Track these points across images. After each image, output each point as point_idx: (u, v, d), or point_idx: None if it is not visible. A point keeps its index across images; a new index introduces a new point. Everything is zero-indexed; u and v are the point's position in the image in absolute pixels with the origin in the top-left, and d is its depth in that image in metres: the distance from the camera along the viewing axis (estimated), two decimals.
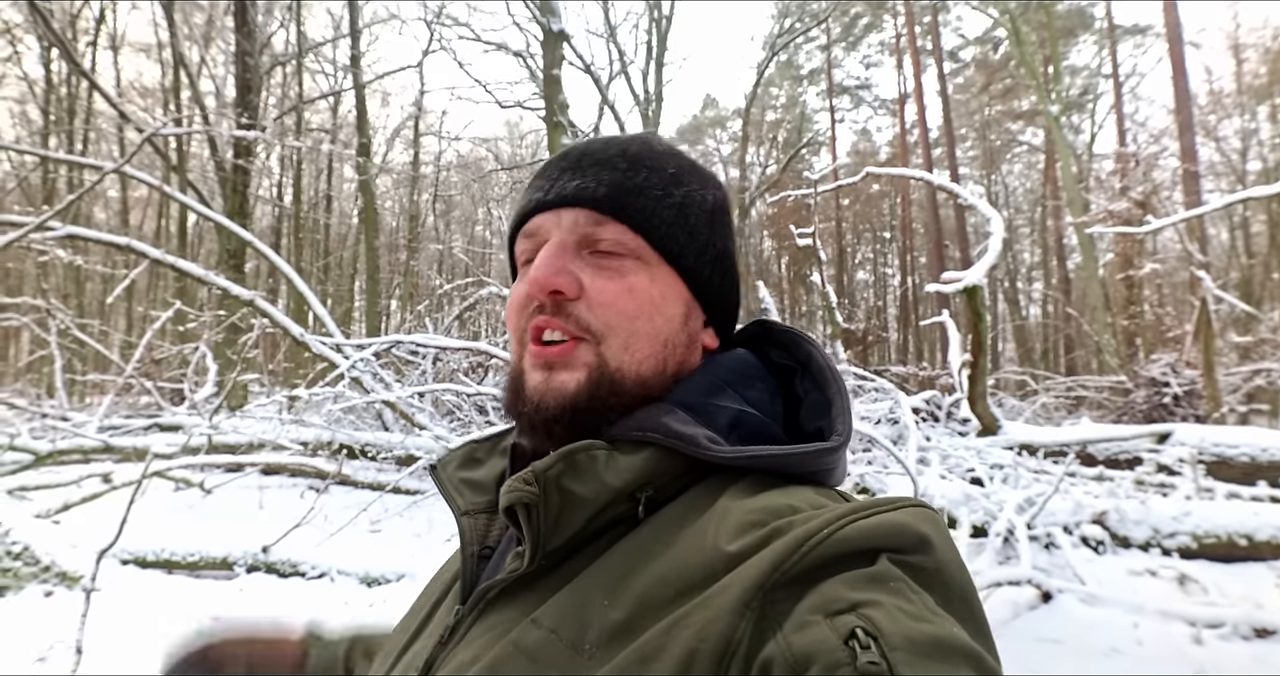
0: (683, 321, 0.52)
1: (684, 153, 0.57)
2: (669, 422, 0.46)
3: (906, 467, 3.56)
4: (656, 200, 0.51)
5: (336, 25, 16.33)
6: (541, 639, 0.40)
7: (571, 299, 0.49)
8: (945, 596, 0.34)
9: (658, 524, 0.43)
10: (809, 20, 15.33)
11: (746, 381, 0.52)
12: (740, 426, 0.48)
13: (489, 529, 0.53)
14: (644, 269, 0.50)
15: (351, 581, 3.63)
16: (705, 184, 0.55)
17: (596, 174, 0.51)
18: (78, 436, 5.68)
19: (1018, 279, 23.56)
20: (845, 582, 0.34)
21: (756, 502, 0.41)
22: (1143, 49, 18.90)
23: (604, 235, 0.50)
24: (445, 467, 0.57)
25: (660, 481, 0.45)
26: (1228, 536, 3.74)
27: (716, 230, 0.55)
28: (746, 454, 0.45)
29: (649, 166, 0.52)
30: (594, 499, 0.43)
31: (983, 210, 5.83)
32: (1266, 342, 9.64)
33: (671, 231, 0.51)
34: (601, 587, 0.41)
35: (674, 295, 0.52)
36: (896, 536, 0.36)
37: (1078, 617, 3.04)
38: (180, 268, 5.76)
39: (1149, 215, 9.03)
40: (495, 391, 5.26)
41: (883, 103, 26.61)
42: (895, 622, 0.31)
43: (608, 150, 0.53)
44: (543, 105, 10.00)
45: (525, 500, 0.42)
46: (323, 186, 21.13)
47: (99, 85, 10.07)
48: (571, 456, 0.44)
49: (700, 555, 0.39)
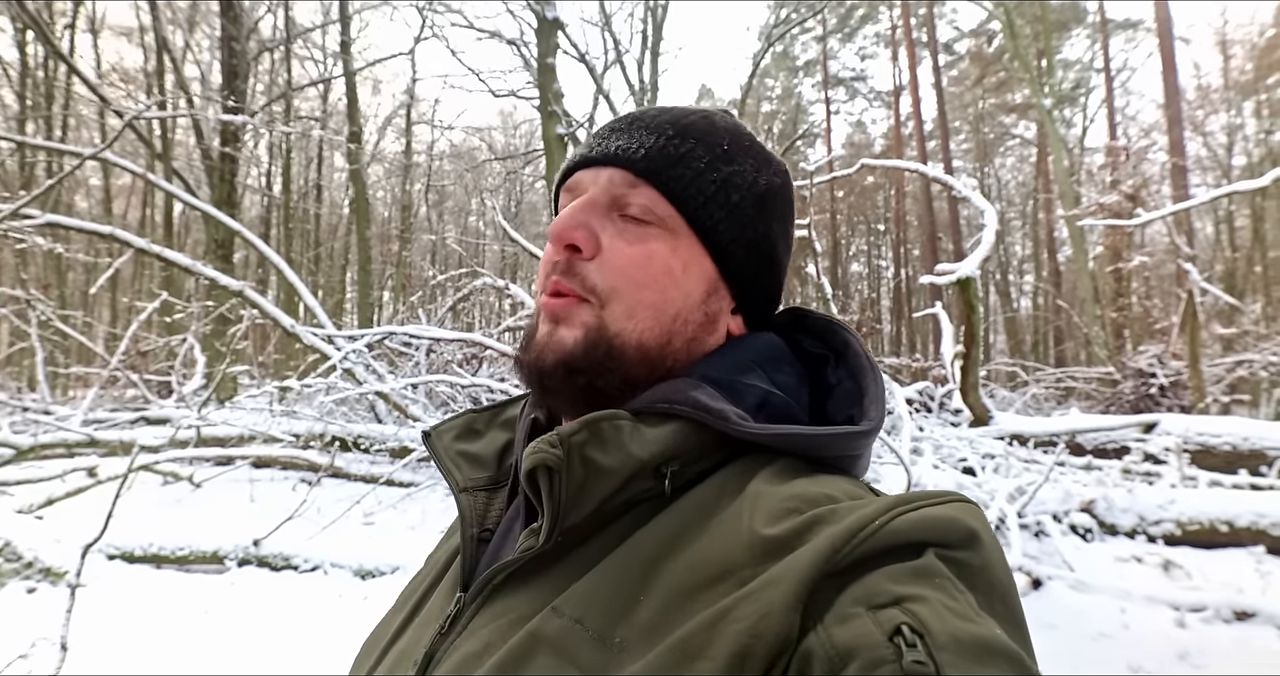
0: (701, 299, 0.49)
1: (749, 134, 0.54)
2: (697, 396, 0.44)
3: (901, 457, 3.59)
4: (697, 172, 0.49)
5: (326, 11, 16.05)
6: (564, 629, 0.37)
7: (586, 257, 0.48)
8: (989, 595, 0.33)
9: (686, 506, 0.42)
10: (805, 11, 15.25)
11: (775, 364, 0.50)
12: (767, 407, 0.47)
13: (488, 508, 0.50)
14: (668, 238, 0.48)
15: (345, 574, 3.60)
16: (762, 167, 0.52)
17: (641, 137, 0.50)
18: (61, 430, 5.61)
19: (1009, 271, 23.72)
20: (890, 575, 0.33)
21: (791, 489, 0.40)
22: (1134, 44, 19.01)
23: (636, 199, 0.49)
24: (441, 437, 0.55)
25: (687, 456, 0.43)
26: (1210, 523, 3.81)
27: (763, 215, 0.51)
28: (776, 431, 0.43)
29: (698, 138, 0.50)
30: (618, 470, 0.41)
31: (977, 202, 5.85)
32: (1249, 334, 9.77)
33: (707, 205, 0.49)
34: (630, 573, 0.38)
35: (697, 271, 0.49)
36: (945, 531, 0.35)
37: (1067, 603, 3.09)
38: (167, 257, 5.69)
39: (1139, 208, 9.09)
40: (490, 383, 5.25)
41: (878, 95, 26.59)
42: (941, 620, 0.30)
43: (660, 117, 0.52)
44: (537, 94, 9.93)
45: (549, 463, 0.40)
46: (313, 176, 20.87)
47: (78, 69, 9.87)
48: (596, 424, 0.42)
49: (736, 539, 0.38)
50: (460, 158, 20.98)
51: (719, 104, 27.38)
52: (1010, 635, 0.31)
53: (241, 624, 2.99)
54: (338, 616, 3.09)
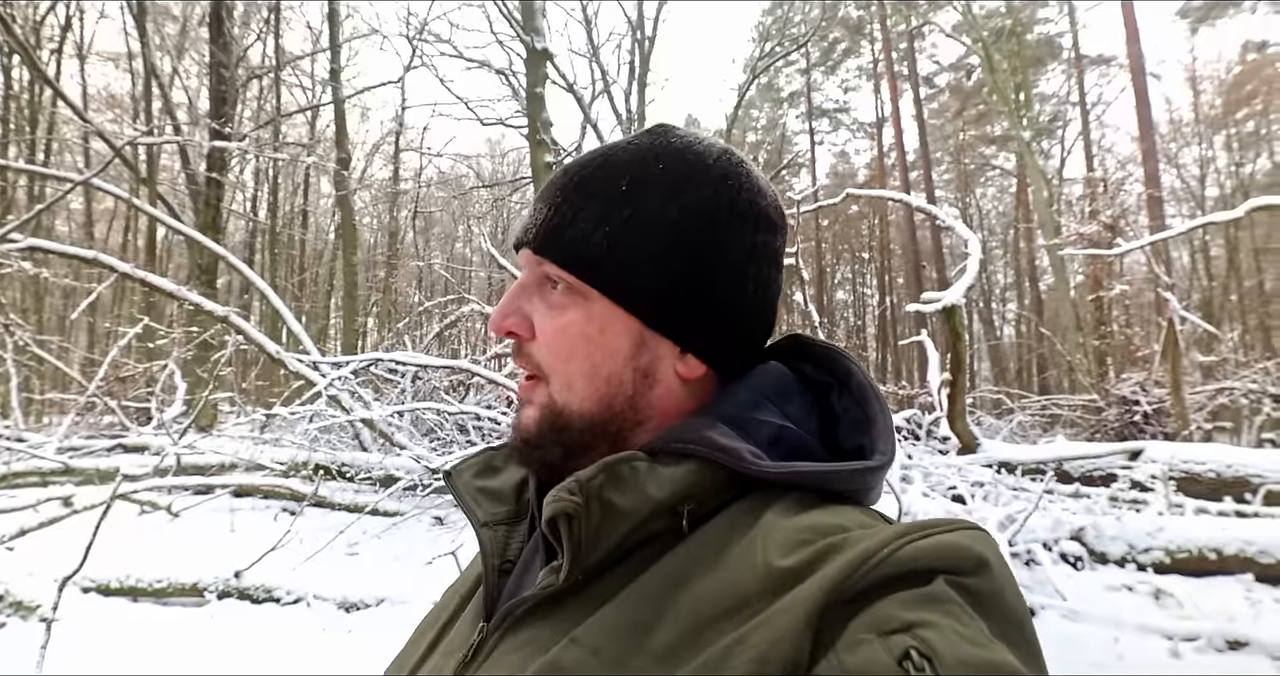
0: (629, 355, 0.49)
1: (669, 151, 0.50)
2: (712, 436, 0.45)
3: (890, 485, 3.58)
4: (586, 233, 0.48)
5: (316, 39, 16.25)
6: (581, 659, 0.38)
7: (526, 340, 0.50)
8: (1000, 622, 0.33)
9: (700, 540, 0.42)
10: (789, 44, 15.64)
11: (786, 396, 0.50)
12: (781, 442, 0.47)
13: (509, 541, 0.52)
14: (580, 305, 0.49)
15: (329, 607, 3.51)
16: (672, 193, 0.48)
17: (538, 211, 0.51)
18: (35, 457, 5.47)
19: (992, 300, 24.05)
20: (900, 602, 0.33)
21: (804, 521, 0.41)
22: (1108, 79, 19.63)
23: (548, 273, 0.50)
24: (461, 475, 0.56)
25: (702, 495, 0.44)
26: (1198, 551, 3.82)
27: (682, 246, 0.48)
28: (791, 469, 0.44)
29: (590, 192, 0.49)
30: (635, 511, 0.42)
31: (960, 231, 5.96)
32: (1228, 361, 9.94)
33: (601, 263, 0.47)
34: (646, 605, 0.39)
35: (618, 328, 0.48)
36: (954, 558, 0.35)
37: (1060, 633, 3.07)
38: (151, 282, 5.63)
39: (1118, 238, 9.29)
40: (477, 410, 5.21)
41: (861, 126, 27.23)
42: (950, 645, 0.30)
43: (559, 180, 0.51)
44: (525, 123, 10.04)
45: (569, 510, 0.41)
46: (299, 201, 20.86)
47: (64, 94, 9.85)
48: (613, 467, 0.43)
49: (751, 572, 0.38)
50: (448, 184, 21.04)
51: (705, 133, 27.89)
52: (1022, 661, 0.31)
53: (221, 658, 2.91)
54: (321, 650, 3.02)
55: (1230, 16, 18.55)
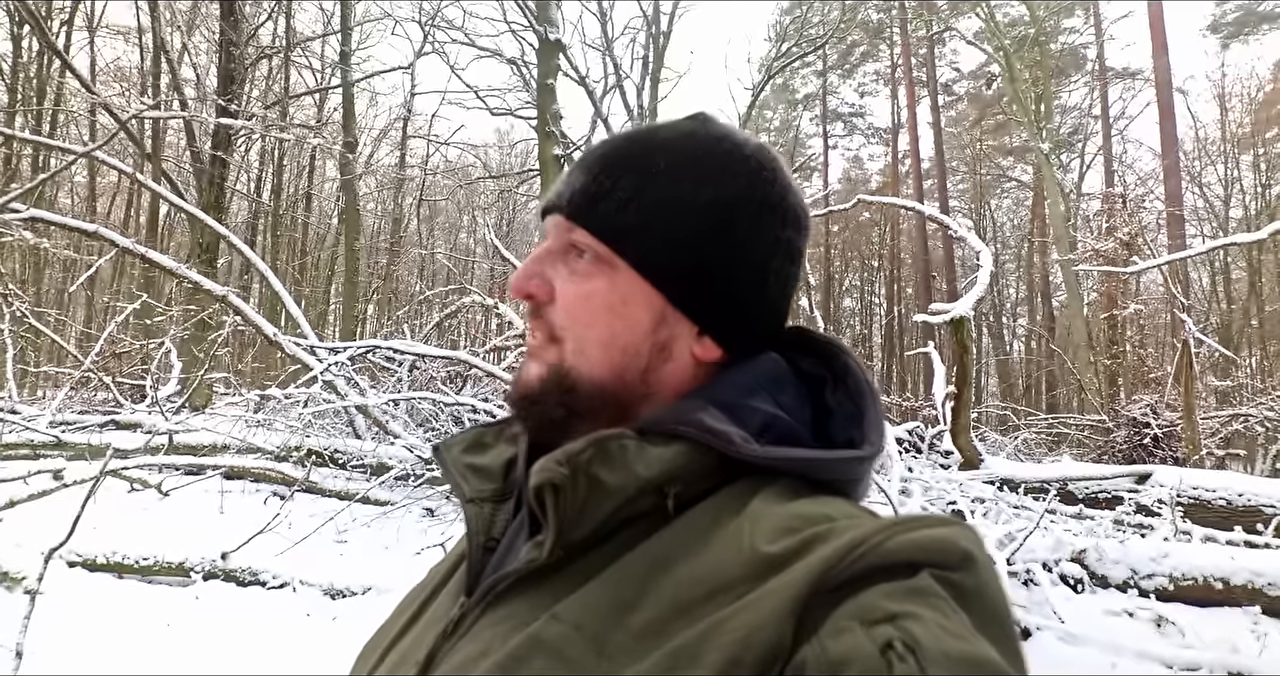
0: (649, 329, 0.50)
1: (708, 139, 0.52)
2: (703, 418, 0.45)
3: (889, 497, 3.52)
4: (620, 204, 0.49)
5: (327, 21, 16.12)
6: (563, 634, 0.39)
7: (544, 303, 0.51)
8: (983, 617, 0.33)
9: (686, 523, 0.43)
10: (806, 45, 15.51)
11: (780, 386, 0.50)
12: (771, 429, 0.47)
13: (494, 519, 0.52)
14: (606, 274, 0.50)
15: (314, 592, 3.50)
16: (707, 178, 0.50)
17: (573, 179, 0.52)
18: (28, 430, 5.44)
19: (1003, 314, 23.87)
20: (885, 593, 0.33)
21: (791, 508, 0.41)
22: (1133, 93, 19.36)
23: (576, 240, 0.51)
24: (450, 450, 0.56)
25: (690, 477, 0.44)
26: (1204, 579, 3.73)
27: (712, 230, 0.50)
28: (779, 455, 0.44)
29: (629, 166, 0.51)
30: (622, 489, 0.43)
31: (972, 243, 5.86)
32: (1244, 387, 9.80)
33: (635, 236, 0.49)
34: (630, 584, 0.40)
35: (640, 301, 0.49)
36: (941, 552, 0.35)
37: (1056, 655, 3.01)
38: (151, 258, 5.57)
39: (1134, 256, 9.15)
40: (474, 402, 5.15)
41: (876, 131, 27.06)
42: (934, 638, 0.30)
43: (595, 151, 0.53)
44: (535, 114, 9.94)
45: (556, 480, 0.42)
46: (303, 184, 20.76)
47: (73, 66, 9.79)
48: (603, 443, 0.44)
49: (736, 556, 0.39)
50: (454, 173, 20.94)
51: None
52: (1005, 656, 0.32)
53: (205, 639, 2.92)
54: (305, 635, 3.03)
55: (1264, 33, 18.26)
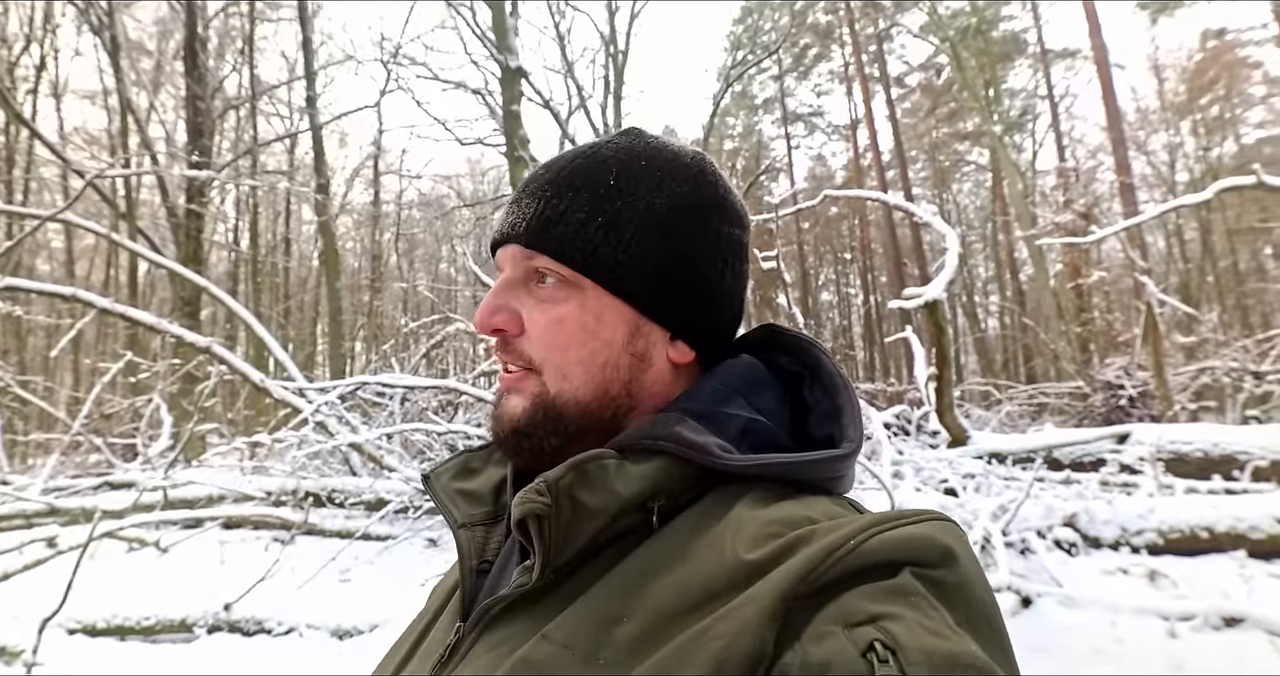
0: (625, 342, 0.51)
1: (650, 148, 0.53)
2: (680, 431, 0.46)
3: (882, 482, 3.58)
4: (579, 225, 0.49)
5: (291, 67, 16.25)
6: (553, 654, 0.39)
7: (514, 335, 0.51)
8: (966, 612, 0.34)
9: (669, 534, 0.43)
10: (760, 52, 15.84)
11: (755, 388, 0.51)
12: (750, 434, 0.48)
13: (486, 541, 0.52)
14: (575, 296, 0.50)
15: (322, 635, 3.47)
16: (658, 187, 0.51)
17: (525, 206, 0.51)
18: (20, 500, 5.38)
19: (974, 293, 24.21)
20: (865, 595, 0.34)
21: (772, 513, 0.41)
22: (1074, 71, 19.86)
23: (538, 267, 0.51)
24: (439, 477, 0.57)
25: (672, 490, 0.45)
26: (1190, 530, 3.82)
27: (671, 235, 0.51)
28: (758, 461, 0.45)
29: (579, 186, 0.51)
30: (604, 509, 0.43)
31: (938, 227, 6.02)
32: (1208, 342, 10.06)
33: (597, 254, 0.49)
34: (615, 599, 0.40)
35: (613, 317, 0.50)
36: (920, 550, 0.36)
37: (1058, 621, 3.07)
38: (130, 316, 5.58)
39: (1092, 225, 9.40)
40: (467, 429, 5.18)
41: (835, 128, 27.42)
42: (914, 637, 0.31)
43: (544, 175, 0.53)
44: (503, 141, 10.07)
45: (538, 511, 0.42)
46: (280, 229, 20.76)
47: (39, 132, 9.80)
48: (582, 466, 0.44)
49: (719, 564, 0.39)
50: (429, 205, 21.04)
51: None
52: (988, 651, 0.32)
53: None
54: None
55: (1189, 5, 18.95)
